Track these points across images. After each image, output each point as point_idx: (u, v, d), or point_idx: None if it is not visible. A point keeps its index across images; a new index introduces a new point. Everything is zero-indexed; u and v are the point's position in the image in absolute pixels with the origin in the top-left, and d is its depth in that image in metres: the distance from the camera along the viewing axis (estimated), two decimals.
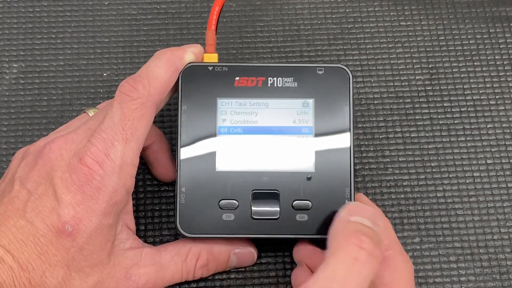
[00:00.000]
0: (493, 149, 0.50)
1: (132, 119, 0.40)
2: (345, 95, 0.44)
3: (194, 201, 0.43)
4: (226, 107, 0.44)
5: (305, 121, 0.44)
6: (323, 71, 0.45)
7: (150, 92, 0.41)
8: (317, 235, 0.43)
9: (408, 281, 0.40)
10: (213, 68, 0.44)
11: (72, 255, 0.39)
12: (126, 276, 0.41)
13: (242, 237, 0.44)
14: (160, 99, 0.42)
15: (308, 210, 0.43)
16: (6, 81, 0.52)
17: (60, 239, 0.38)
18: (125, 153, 0.40)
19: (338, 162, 0.43)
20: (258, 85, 0.44)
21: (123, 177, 0.40)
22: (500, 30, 0.53)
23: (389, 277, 0.40)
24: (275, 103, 0.44)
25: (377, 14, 0.54)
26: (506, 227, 0.48)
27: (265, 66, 0.45)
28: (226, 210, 0.43)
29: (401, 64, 0.52)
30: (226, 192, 0.43)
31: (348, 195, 0.43)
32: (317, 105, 0.44)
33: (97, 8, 0.54)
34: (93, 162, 0.39)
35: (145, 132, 0.41)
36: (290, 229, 0.43)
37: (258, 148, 0.44)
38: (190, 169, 0.43)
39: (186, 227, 0.43)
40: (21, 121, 0.50)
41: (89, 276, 0.40)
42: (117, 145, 0.40)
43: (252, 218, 0.43)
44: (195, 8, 0.54)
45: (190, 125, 0.44)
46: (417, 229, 0.48)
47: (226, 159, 0.44)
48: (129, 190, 0.41)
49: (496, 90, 0.52)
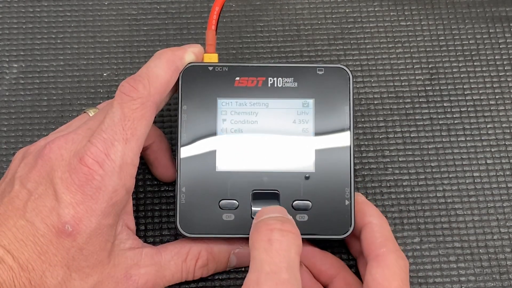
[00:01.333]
0: (493, 149, 0.50)
1: (133, 119, 0.40)
2: (345, 95, 0.44)
3: (194, 201, 0.43)
4: (226, 107, 0.44)
5: (305, 121, 0.44)
6: (323, 71, 0.45)
7: (150, 92, 0.41)
8: (317, 235, 0.43)
9: (401, 278, 0.41)
10: (213, 68, 0.45)
11: (72, 255, 0.39)
12: (126, 276, 0.41)
13: (242, 237, 0.44)
14: (160, 99, 0.42)
15: (308, 210, 0.43)
16: (6, 81, 0.52)
17: (60, 239, 0.38)
18: (125, 153, 0.40)
19: (338, 162, 0.43)
20: (258, 85, 0.44)
21: (123, 177, 0.40)
22: (500, 30, 0.53)
23: (380, 274, 0.41)
24: (275, 103, 0.44)
25: (377, 14, 0.54)
26: (506, 227, 0.48)
27: (265, 66, 0.45)
28: (226, 210, 0.43)
29: (401, 64, 0.52)
30: (226, 192, 0.43)
31: (348, 195, 0.43)
32: (317, 105, 0.44)
33: (97, 8, 0.54)
34: (93, 162, 0.39)
35: (145, 132, 0.41)
36: None
37: (258, 148, 0.44)
38: (190, 169, 0.43)
39: (186, 227, 0.43)
40: (21, 121, 0.50)
41: (89, 276, 0.40)
42: (117, 145, 0.40)
43: (252, 218, 0.43)
44: (195, 8, 0.54)
45: (190, 125, 0.44)
46: (417, 229, 0.48)
47: (226, 159, 0.44)
48: (129, 190, 0.41)
49: (496, 90, 0.52)
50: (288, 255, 0.38)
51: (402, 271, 0.41)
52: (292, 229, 0.39)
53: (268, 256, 0.38)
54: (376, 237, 0.42)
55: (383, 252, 0.41)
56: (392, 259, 0.41)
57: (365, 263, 0.43)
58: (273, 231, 0.39)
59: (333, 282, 0.44)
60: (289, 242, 0.38)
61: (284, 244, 0.38)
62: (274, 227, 0.39)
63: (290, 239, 0.39)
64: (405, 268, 0.41)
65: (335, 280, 0.44)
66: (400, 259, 0.41)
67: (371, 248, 0.42)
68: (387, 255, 0.41)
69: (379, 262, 0.41)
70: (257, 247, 0.38)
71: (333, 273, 0.45)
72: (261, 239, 0.39)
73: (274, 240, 0.38)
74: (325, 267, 0.45)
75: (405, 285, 0.40)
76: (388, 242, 0.42)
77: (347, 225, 0.43)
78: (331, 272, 0.45)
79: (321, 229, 0.43)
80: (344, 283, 0.44)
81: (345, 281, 0.44)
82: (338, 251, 0.47)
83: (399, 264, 0.41)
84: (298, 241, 0.39)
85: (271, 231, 0.39)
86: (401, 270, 0.41)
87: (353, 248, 0.46)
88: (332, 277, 0.45)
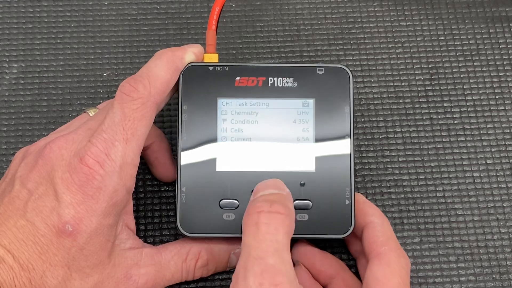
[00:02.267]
0: (493, 149, 0.50)
1: (133, 119, 0.40)
2: (346, 95, 0.44)
3: (195, 200, 0.43)
4: (226, 107, 0.44)
5: (305, 121, 0.44)
6: (323, 71, 0.45)
7: (150, 92, 0.41)
8: (317, 235, 0.43)
9: (401, 276, 0.41)
10: (213, 68, 0.45)
11: (72, 255, 0.39)
12: (126, 276, 0.41)
13: None
14: (160, 99, 0.42)
15: (308, 210, 0.43)
16: (6, 81, 0.52)
17: (60, 239, 0.38)
18: (125, 153, 0.40)
19: (338, 161, 0.44)
20: (259, 85, 0.44)
21: (124, 177, 0.40)
22: (500, 30, 0.53)
23: (381, 272, 0.41)
24: (275, 103, 0.44)
25: (377, 14, 0.54)
26: (506, 227, 0.48)
27: (266, 66, 0.45)
28: (227, 209, 0.43)
29: (401, 64, 0.52)
30: (227, 192, 0.43)
31: (348, 195, 0.43)
32: (317, 105, 0.44)
33: (97, 8, 0.54)
34: (94, 162, 0.39)
35: (145, 132, 0.41)
36: None
37: (259, 148, 0.44)
38: (191, 169, 0.43)
39: (187, 226, 0.43)
40: (21, 121, 0.50)
41: (90, 276, 0.40)
42: (117, 145, 0.40)
43: None
44: (195, 8, 0.54)
45: (191, 125, 0.44)
46: (417, 229, 0.48)
47: (227, 159, 0.44)
48: (130, 190, 0.41)
49: (496, 90, 0.52)
50: (275, 239, 0.37)
51: (402, 269, 0.41)
52: (281, 209, 0.39)
53: (255, 241, 0.38)
54: (377, 236, 0.42)
55: (385, 250, 0.41)
56: (393, 257, 0.41)
57: (365, 263, 0.43)
58: (261, 214, 0.38)
59: (332, 282, 0.44)
60: (276, 224, 0.38)
61: (271, 227, 0.38)
62: (262, 209, 0.38)
63: (278, 221, 0.38)
64: (406, 267, 0.41)
65: (334, 280, 0.44)
66: (402, 258, 0.41)
67: (373, 247, 0.42)
68: (388, 253, 0.41)
69: (380, 260, 0.41)
70: (246, 232, 0.38)
71: (332, 273, 0.45)
72: (250, 223, 0.38)
73: (261, 223, 0.38)
74: (324, 267, 0.45)
75: (405, 283, 0.40)
76: (390, 241, 0.42)
77: (348, 224, 0.43)
78: (330, 273, 0.45)
79: (322, 228, 0.43)
80: (343, 284, 0.44)
81: (344, 281, 0.44)
82: (338, 251, 0.47)
83: (400, 262, 0.41)
84: (287, 221, 0.38)
85: (259, 214, 0.38)
86: (401, 268, 0.41)
87: (353, 248, 0.46)
88: (331, 278, 0.45)
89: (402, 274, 0.41)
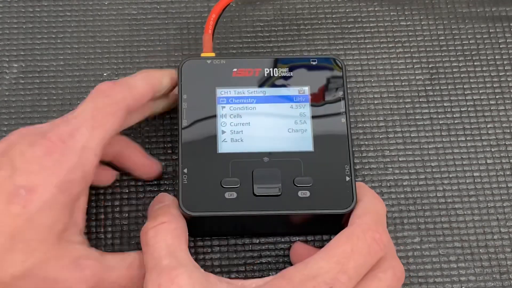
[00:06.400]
0: (493, 149, 0.50)
1: (104, 113, 0.41)
2: (339, 80, 0.46)
3: (196, 181, 0.43)
4: (225, 95, 0.46)
5: (302, 106, 0.45)
6: (316, 61, 0.47)
7: (125, 95, 0.43)
8: (319, 210, 0.43)
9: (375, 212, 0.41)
10: (211, 61, 0.46)
11: (20, 224, 0.38)
12: (74, 263, 0.41)
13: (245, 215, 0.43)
14: (133, 106, 0.43)
15: (310, 186, 0.43)
16: (6, 81, 0.52)
17: (9, 205, 0.38)
18: (89, 139, 0.41)
19: (336, 141, 0.44)
20: (255, 75, 0.46)
21: (83, 160, 0.40)
22: (500, 30, 0.53)
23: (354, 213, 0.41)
24: (272, 91, 0.46)
25: (377, 14, 0.54)
26: (506, 227, 0.48)
27: (262, 58, 0.47)
28: (228, 188, 0.43)
29: (401, 64, 0.52)
30: (228, 172, 0.44)
31: (349, 172, 0.44)
32: (313, 90, 0.46)
33: (97, 8, 0.54)
34: (57, 139, 0.40)
35: (113, 129, 0.42)
36: (292, 205, 0.43)
37: (258, 130, 0.45)
38: (192, 151, 0.44)
39: (189, 206, 0.43)
40: (21, 121, 0.50)
41: (34, 251, 0.39)
42: (83, 130, 0.41)
43: (255, 195, 0.43)
44: (195, 8, 0.54)
45: (190, 112, 0.45)
46: (417, 229, 0.48)
47: (227, 141, 0.44)
48: (86, 178, 0.41)
49: (496, 90, 0.52)
50: (165, 244, 0.39)
51: (376, 207, 0.41)
52: (164, 219, 0.41)
53: (150, 256, 0.39)
54: (357, 209, 0.42)
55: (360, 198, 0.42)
56: (367, 201, 0.42)
57: None
58: (148, 233, 0.40)
59: None
60: (163, 233, 0.40)
61: (158, 238, 0.40)
62: (147, 228, 0.41)
63: (163, 230, 0.40)
64: (379, 206, 0.42)
65: None
66: (376, 200, 0.42)
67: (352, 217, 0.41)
68: (363, 198, 0.42)
69: (358, 204, 0.42)
70: (143, 252, 0.40)
71: None
72: (143, 245, 0.41)
73: (149, 240, 0.40)
74: None
75: (379, 222, 0.40)
76: (364, 189, 0.43)
77: (349, 200, 0.43)
78: None
79: (324, 204, 0.43)
80: None
81: None
82: None
83: (374, 202, 0.42)
84: (173, 225, 0.41)
85: (146, 233, 0.40)
86: (375, 207, 0.41)
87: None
88: None
89: (374, 212, 0.41)
